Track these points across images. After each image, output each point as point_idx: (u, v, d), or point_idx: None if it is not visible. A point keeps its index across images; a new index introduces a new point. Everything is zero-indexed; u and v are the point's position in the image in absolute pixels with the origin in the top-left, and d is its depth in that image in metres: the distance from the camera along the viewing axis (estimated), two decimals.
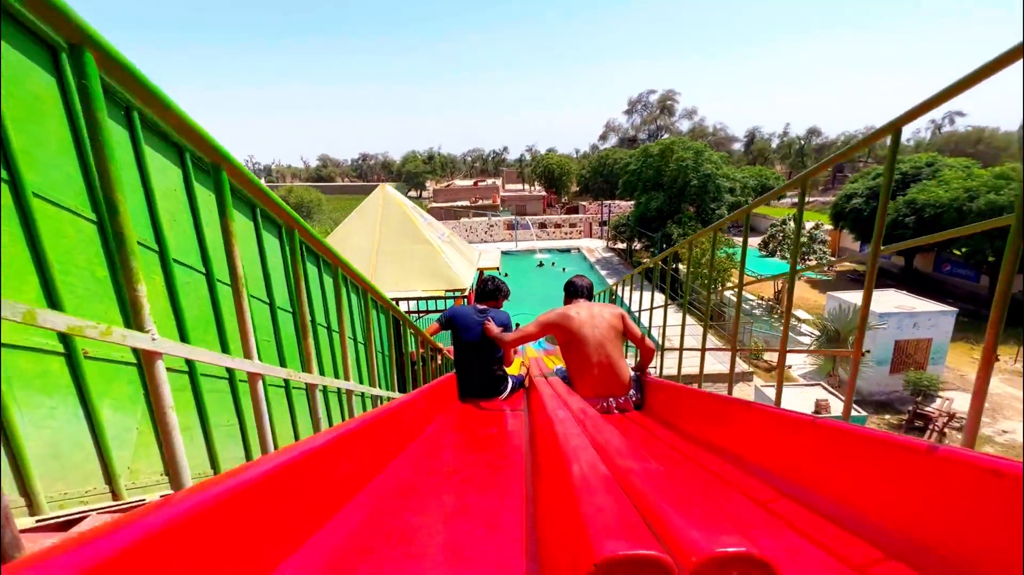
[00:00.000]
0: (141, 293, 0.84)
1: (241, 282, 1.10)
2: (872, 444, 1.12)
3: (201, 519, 0.75)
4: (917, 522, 0.96)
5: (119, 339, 0.78)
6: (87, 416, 1.90)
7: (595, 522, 0.55)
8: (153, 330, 0.86)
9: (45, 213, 1.74)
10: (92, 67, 0.78)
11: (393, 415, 1.77)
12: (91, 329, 0.74)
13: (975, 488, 0.85)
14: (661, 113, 61.08)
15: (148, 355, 0.86)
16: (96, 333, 0.75)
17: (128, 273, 0.82)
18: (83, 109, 0.76)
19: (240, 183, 1.20)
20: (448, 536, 1.15)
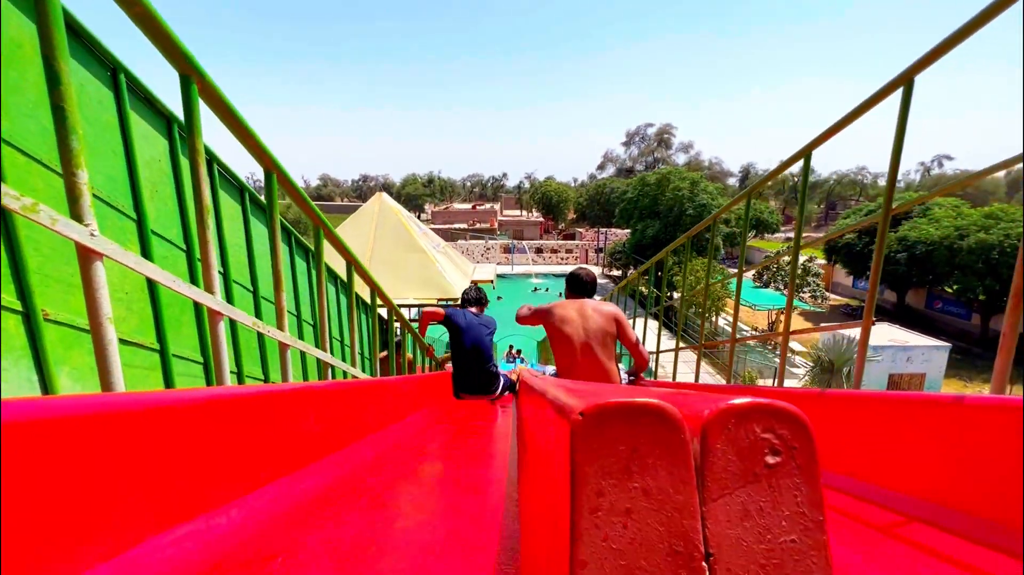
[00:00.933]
0: (81, 179, 0.75)
1: (207, 204, 1.01)
2: (890, 406, 1.02)
3: (138, 421, 0.64)
4: (940, 480, 0.86)
5: (47, 221, 0.69)
6: (41, 383, 1.77)
7: (577, 397, 0.45)
8: (93, 225, 0.77)
9: (14, 162, 1.65)
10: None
11: (372, 389, 1.66)
12: (11, 199, 0.65)
13: (1007, 432, 0.76)
14: (658, 146, 62.32)
15: (85, 253, 0.76)
16: (17, 205, 0.65)
17: (67, 155, 0.73)
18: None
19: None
20: (420, 497, 1.03)
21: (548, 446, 0.51)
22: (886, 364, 14.04)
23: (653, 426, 0.36)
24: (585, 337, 2.78)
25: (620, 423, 0.36)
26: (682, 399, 0.44)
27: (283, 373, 1.50)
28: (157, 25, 0.87)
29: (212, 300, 1.06)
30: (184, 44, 0.93)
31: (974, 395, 0.84)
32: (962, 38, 1.06)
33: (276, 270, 1.32)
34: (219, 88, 1.05)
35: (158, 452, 0.68)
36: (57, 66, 0.72)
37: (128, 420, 0.62)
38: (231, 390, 0.88)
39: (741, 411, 0.37)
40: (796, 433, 0.37)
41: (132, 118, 2.13)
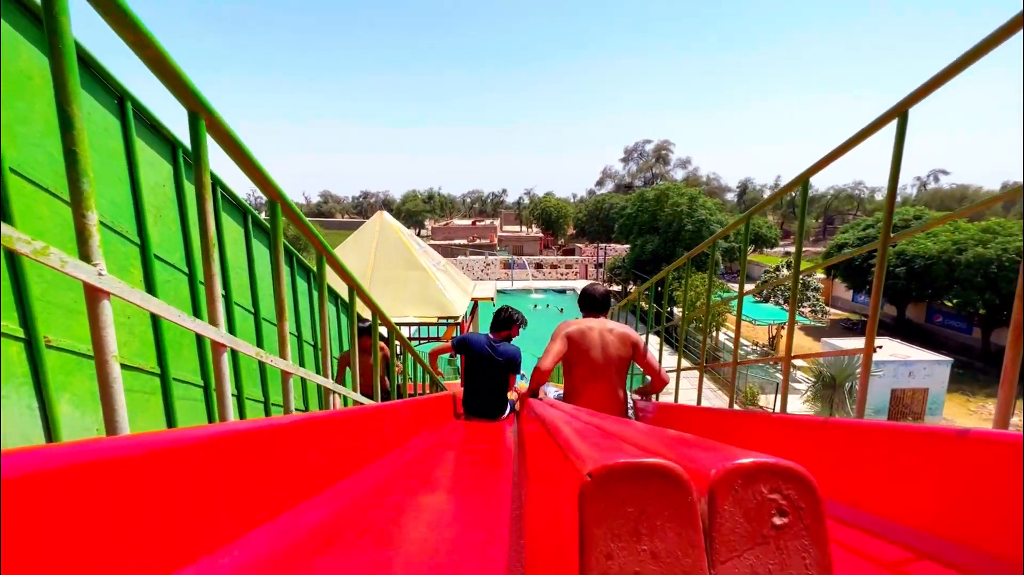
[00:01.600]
0: (91, 221, 0.76)
1: (211, 238, 1.02)
2: (894, 437, 1.02)
3: (139, 465, 0.64)
4: (949, 515, 0.85)
5: (56, 264, 0.70)
6: (42, 410, 1.76)
7: (587, 448, 0.46)
8: (102, 265, 0.77)
9: (21, 191, 1.67)
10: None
11: (373, 415, 1.65)
12: (23, 243, 0.66)
13: (1016, 468, 0.76)
14: (656, 162, 62.94)
15: (93, 292, 0.77)
16: (28, 249, 0.66)
17: (78, 196, 0.75)
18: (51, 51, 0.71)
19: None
20: (421, 529, 1.02)
21: (556, 501, 0.51)
22: (888, 379, 13.97)
23: (661, 487, 0.37)
24: (603, 362, 2.72)
25: (628, 484, 0.37)
26: (688, 454, 0.44)
27: (285, 400, 1.50)
28: (169, 67, 0.89)
29: (216, 333, 1.07)
30: (193, 83, 0.95)
31: (977, 429, 0.84)
32: (956, 72, 1.09)
33: (279, 300, 1.32)
34: (226, 123, 1.07)
35: (159, 495, 0.68)
36: (70, 111, 0.74)
37: (128, 465, 0.62)
38: (232, 427, 0.88)
39: (747, 471, 0.37)
40: (802, 493, 0.37)
41: (138, 145, 2.16)
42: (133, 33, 0.82)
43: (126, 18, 0.80)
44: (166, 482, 0.69)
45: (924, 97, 1.12)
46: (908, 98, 1.15)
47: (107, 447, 0.61)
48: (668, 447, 0.51)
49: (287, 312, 1.40)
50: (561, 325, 2.83)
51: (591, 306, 2.95)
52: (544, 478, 0.69)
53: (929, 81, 1.11)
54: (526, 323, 4.05)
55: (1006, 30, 0.98)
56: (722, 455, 0.41)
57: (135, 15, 0.81)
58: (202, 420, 2.68)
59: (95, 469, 0.57)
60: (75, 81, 0.73)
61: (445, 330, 7.20)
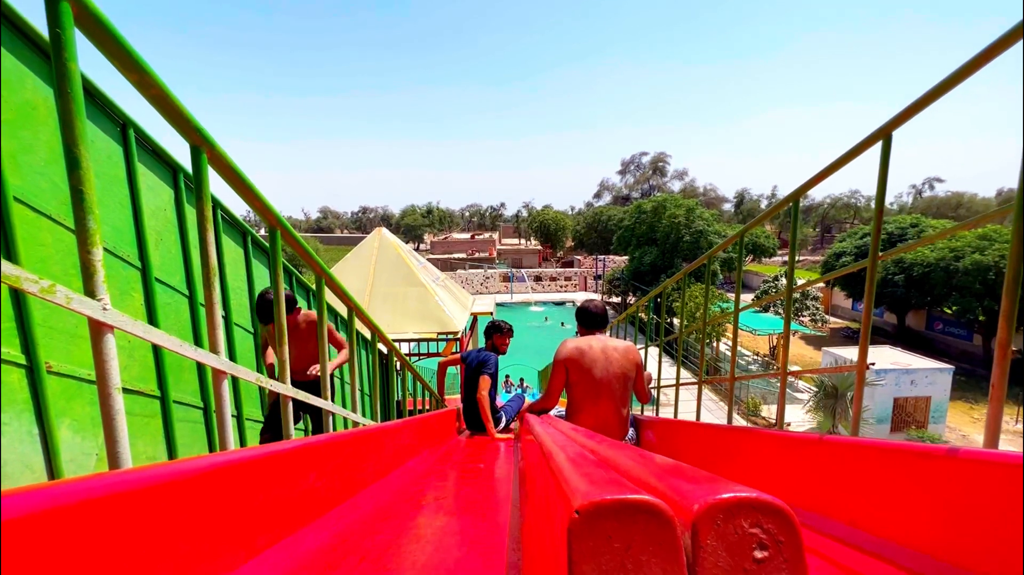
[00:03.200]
0: (96, 257, 0.78)
1: (213, 266, 1.04)
2: (885, 455, 1.03)
3: (139, 500, 0.65)
4: (943, 535, 0.86)
5: (63, 301, 0.72)
6: (42, 436, 1.77)
7: (577, 481, 0.47)
8: (106, 299, 0.79)
9: (24, 218, 1.70)
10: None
11: (372, 437, 1.66)
12: (30, 282, 0.68)
13: (1007, 489, 0.77)
14: (653, 173, 63.40)
15: (97, 326, 0.79)
16: (35, 288, 0.68)
17: (84, 234, 0.77)
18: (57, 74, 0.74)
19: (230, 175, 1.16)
20: (421, 554, 1.03)
21: (549, 533, 0.52)
22: (890, 388, 13.92)
23: (646, 523, 0.38)
24: (606, 379, 2.68)
25: (615, 520, 0.38)
26: (675, 486, 0.45)
27: (284, 424, 1.51)
28: (172, 104, 0.92)
29: (217, 361, 1.08)
30: (195, 118, 0.98)
31: (967, 449, 0.85)
32: (937, 96, 1.12)
33: (280, 326, 1.34)
34: (227, 155, 1.10)
35: (161, 529, 0.69)
36: (77, 151, 0.76)
37: (129, 500, 0.63)
38: (232, 456, 0.89)
39: (729, 506, 0.39)
40: (782, 527, 0.39)
41: (139, 170, 2.19)
42: (137, 74, 0.85)
43: (131, 60, 0.83)
44: (168, 515, 0.70)
45: (908, 120, 1.16)
46: (892, 121, 1.18)
47: (108, 483, 0.63)
48: (657, 477, 0.52)
49: (285, 336, 1.41)
50: (560, 349, 2.77)
51: (590, 323, 2.92)
52: (539, 507, 0.70)
53: (912, 104, 1.15)
54: (512, 332, 4.21)
55: (986, 55, 1.01)
56: (706, 488, 0.42)
57: (140, 57, 0.84)
58: (202, 441, 2.67)
59: (96, 506, 0.59)
60: (83, 123, 0.76)
61: (445, 345, 7.20)
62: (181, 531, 0.73)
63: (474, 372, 3.83)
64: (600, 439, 1.06)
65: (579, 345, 2.70)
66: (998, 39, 0.98)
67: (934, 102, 1.13)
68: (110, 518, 0.61)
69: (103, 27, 0.77)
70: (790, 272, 1.71)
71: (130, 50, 0.81)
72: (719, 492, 0.40)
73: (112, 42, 0.79)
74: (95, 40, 0.79)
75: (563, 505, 0.43)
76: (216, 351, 1.10)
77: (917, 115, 1.18)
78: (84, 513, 0.58)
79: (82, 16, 0.75)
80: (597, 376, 2.63)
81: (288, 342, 2.06)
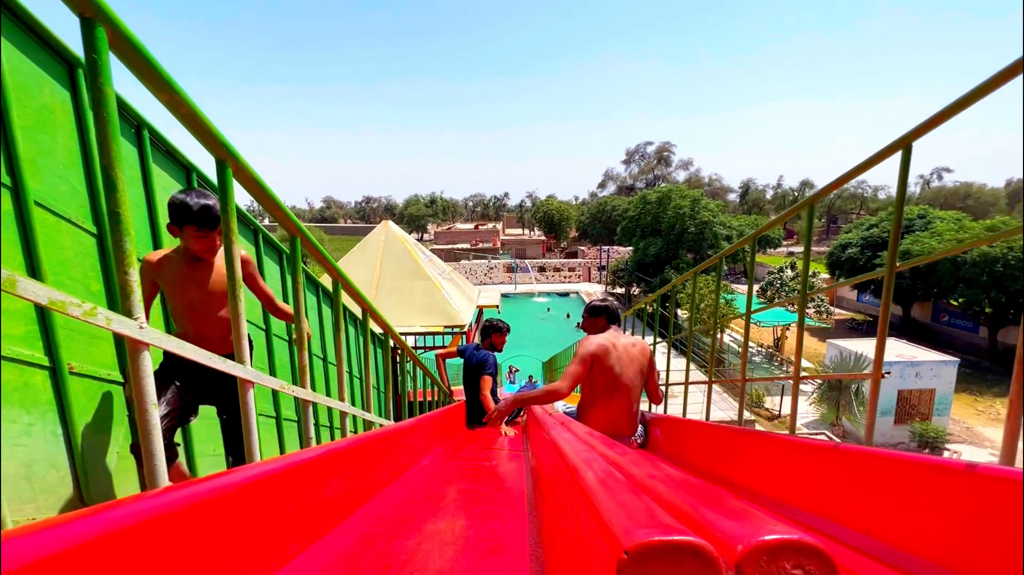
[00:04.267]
0: (132, 278, 0.80)
1: (237, 278, 1.06)
2: (904, 467, 1.04)
3: (176, 519, 0.68)
4: (957, 547, 0.88)
5: (103, 322, 0.74)
6: (66, 436, 1.80)
7: (619, 515, 0.49)
8: (142, 318, 0.81)
9: (44, 222, 1.72)
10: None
11: (389, 438, 1.69)
12: (74, 306, 0.69)
13: (1010, 503, 0.78)
14: (658, 163, 62.96)
15: (134, 344, 0.81)
16: (79, 311, 0.70)
17: (121, 255, 0.79)
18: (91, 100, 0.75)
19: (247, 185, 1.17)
20: (444, 561, 1.05)
21: (587, 568, 0.54)
22: (895, 380, 13.92)
23: (692, 563, 0.40)
24: (624, 378, 2.70)
25: (662, 562, 0.40)
26: (715, 522, 0.47)
27: (305, 426, 1.53)
28: (200, 122, 0.93)
29: (243, 371, 1.10)
30: (222, 134, 0.99)
31: (984, 464, 0.87)
32: (961, 108, 1.11)
33: (300, 331, 1.36)
34: (251, 168, 1.11)
35: (202, 544, 0.72)
36: (114, 174, 0.77)
37: (170, 521, 0.66)
38: (264, 468, 0.91)
39: (772, 548, 0.41)
40: (822, 568, 0.40)
41: (154, 171, 2.20)
42: (168, 93, 0.86)
43: (162, 81, 0.84)
44: (206, 531, 0.73)
45: (929, 131, 1.15)
46: (912, 131, 1.18)
47: (149, 507, 0.65)
48: (692, 507, 0.54)
49: (304, 341, 1.43)
50: (586, 343, 2.75)
51: (614, 319, 2.94)
52: (571, 535, 0.72)
53: (934, 116, 1.14)
54: (508, 330, 4.40)
55: (1010, 71, 1.01)
56: (749, 527, 0.44)
57: (171, 78, 0.85)
58: (217, 446, 2.71)
59: (140, 530, 0.61)
60: (118, 146, 0.77)
61: (452, 338, 7.25)
62: (222, 544, 0.76)
63: (474, 372, 4.02)
64: (621, 449, 1.08)
65: (605, 342, 2.71)
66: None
67: (957, 114, 1.13)
68: (165, 536, 0.63)
69: (136, 50, 0.78)
70: (803, 280, 1.71)
71: (162, 72, 0.82)
72: (762, 533, 0.42)
73: (145, 65, 0.80)
74: (128, 63, 0.80)
75: (608, 541, 0.45)
76: (241, 362, 1.12)
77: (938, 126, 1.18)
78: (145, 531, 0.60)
79: (116, 40, 0.76)
80: (617, 373, 2.65)
81: (189, 283, 1.77)
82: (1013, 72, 1.01)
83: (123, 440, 2.04)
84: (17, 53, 1.66)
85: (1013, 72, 1.01)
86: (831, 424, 14.41)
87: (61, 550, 0.51)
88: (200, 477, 0.87)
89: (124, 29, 0.75)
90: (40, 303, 0.65)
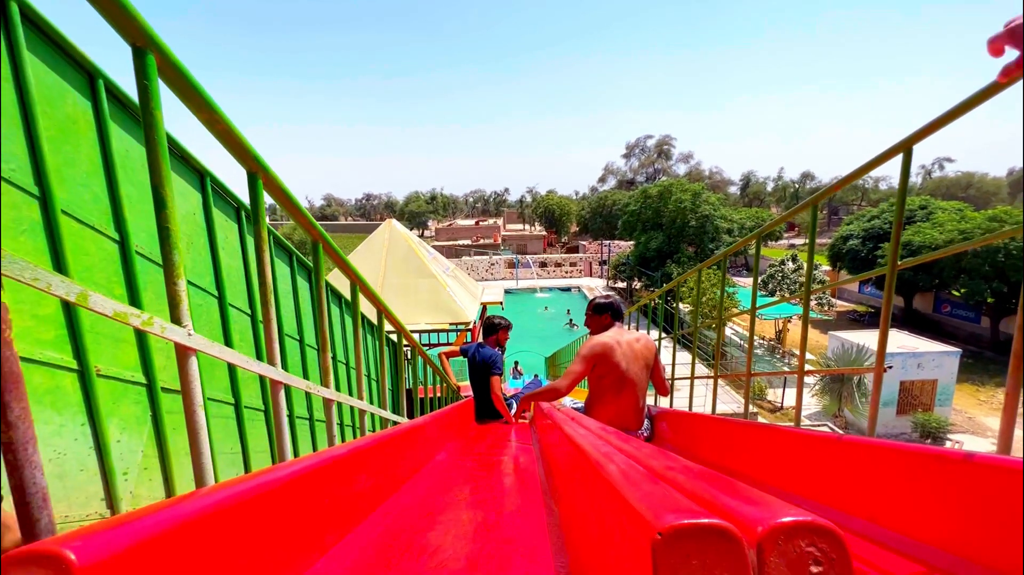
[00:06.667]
0: (181, 288, 0.85)
1: (269, 285, 1.12)
2: (905, 457, 1.09)
3: (223, 517, 0.73)
4: (958, 533, 0.93)
5: (158, 331, 0.79)
6: (94, 436, 1.87)
7: (647, 502, 0.54)
8: (190, 325, 0.87)
9: (71, 230, 1.77)
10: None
11: (407, 435, 1.75)
12: (135, 317, 0.75)
13: (1017, 493, 0.84)
14: (658, 157, 62.81)
15: (182, 350, 0.86)
16: (138, 322, 0.76)
17: (169, 267, 0.84)
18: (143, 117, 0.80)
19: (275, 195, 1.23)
20: (471, 550, 1.11)
21: (618, 550, 0.59)
22: (897, 371, 13.97)
23: (719, 544, 0.45)
24: (631, 374, 2.74)
25: (693, 542, 0.45)
26: (736, 507, 0.53)
27: (328, 425, 1.59)
28: (235, 138, 0.99)
29: (275, 372, 1.16)
30: (254, 148, 1.05)
31: (982, 454, 0.92)
32: (962, 112, 1.16)
33: (323, 333, 1.42)
34: (280, 179, 1.16)
35: (254, 536, 0.77)
36: (163, 192, 0.83)
37: (220, 518, 0.71)
38: (302, 465, 0.97)
39: (789, 529, 0.46)
40: (833, 546, 0.46)
41: (171, 177, 2.25)
42: (208, 113, 0.92)
43: (204, 102, 0.89)
44: (255, 525, 0.79)
45: (929, 135, 1.20)
46: (912, 136, 1.22)
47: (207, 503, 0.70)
48: (712, 495, 0.59)
49: (328, 343, 1.49)
50: (591, 343, 2.80)
51: (619, 315, 3.00)
52: (596, 521, 0.78)
53: (934, 120, 1.19)
54: (511, 327, 4.48)
55: None
56: (768, 511, 0.49)
57: (212, 100, 0.90)
58: (234, 437, 2.78)
59: (198, 525, 0.66)
60: (167, 167, 0.83)
61: (457, 336, 7.32)
62: (267, 537, 0.82)
63: (481, 370, 4.09)
64: (636, 443, 1.14)
65: (610, 340, 2.77)
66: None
67: (959, 118, 1.17)
68: (219, 530, 0.69)
69: (182, 76, 0.83)
70: (807, 278, 1.76)
71: (204, 95, 0.88)
72: (780, 515, 0.47)
73: (190, 88, 0.85)
74: (174, 87, 0.85)
75: (640, 526, 0.50)
76: (273, 363, 1.18)
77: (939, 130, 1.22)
78: (199, 528, 0.66)
79: (164, 67, 0.81)
80: (623, 370, 2.70)
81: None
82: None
83: (147, 438, 2.11)
84: (40, 65, 1.71)
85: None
86: (833, 415, 14.48)
87: (128, 546, 0.56)
88: (249, 473, 0.92)
89: (172, 57, 0.80)
90: (106, 315, 0.71)
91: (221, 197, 2.69)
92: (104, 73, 1.90)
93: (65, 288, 0.64)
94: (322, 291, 1.41)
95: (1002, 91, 1.09)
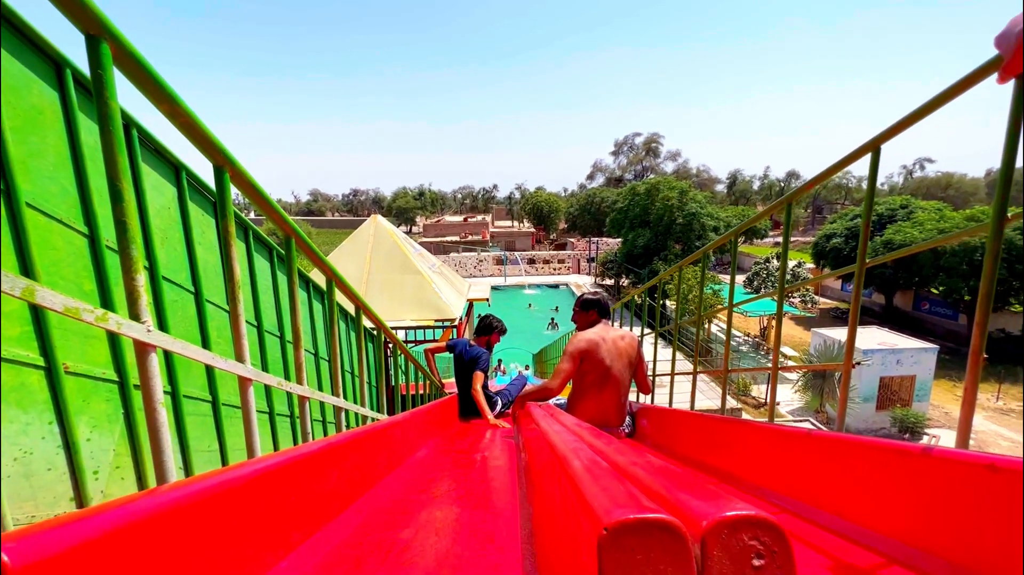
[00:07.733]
0: (139, 283, 0.83)
1: (237, 280, 1.10)
2: (867, 451, 1.11)
3: (183, 514, 0.72)
4: (917, 526, 0.95)
5: (114, 326, 0.77)
6: (63, 434, 1.83)
7: (600, 497, 0.54)
8: (149, 321, 0.85)
9: (36, 223, 1.73)
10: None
11: (384, 432, 1.74)
12: (87, 312, 0.73)
13: (973, 486, 0.86)
14: (646, 155, 63.12)
15: (141, 347, 0.84)
16: (92, 317, 0.74)
17: (128, 262, 0.82)
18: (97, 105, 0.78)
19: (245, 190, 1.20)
20: (440, 548, 1.11)
21: (572, 546, 0.59)
22: (876, 368, 14.25)
23: (663, 538, 0.46)
24: (614, 371, 2.75)
25: (637, 536, 0.46)
26: (684, 501, 0.53)
27: (302, 421, 1.58)
28: (199, 130, 0.97)
29: (242, 368, 1.14)
30: (220, 141, 1.03)
31: (940, 448, 0.94)
32: (929, 111, 1.18)
33: (295, 329, 1.40)
34: (247, 172, 1.14)
35: (212, 535, 0.76)
36: (120, 185, 0.81)
37: (175, 516, 0.70)
38: (270, 462, 0.96)
39: (732, 523, 0.46)
40: (775, 540, 0.46)
41: (143, 170, 2.21)
42: (168, 104, 0.89)
43: (164, 93, 0.87)
44: (215, 523, 0.77)
45: (897, 134, 1.22)
46: (881, 135, 1.24)
47: (162, 502, 0.69)
48: (668, 490, 0.60)
49: (300, 339, 1.47)
50: (575, 340, 2.80)
51: (605, 312, 3.01)
52: (558, 516, 0.78)
53: (901, 120, 1.21)
54: (505, 331, 4.46)
55: (978, 74, 1.07)
56: (713, 506, 0.50)
57: (173, 90, 0.88)
58: (211, 435, 2.74)
59: (152, 524, 0.65)
60: (124, 159, 0.80)
61: (443, 332, 7.30)
62: (228, 535, 0.81)
63: (467, 367, 4.09)
64: (607, 439, 1.14)
65: (595, 337, 2.78)
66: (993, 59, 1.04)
67: (925, 117, 1.19)
68: (176, 530, 0.68)
69: (140, 65, 0.81)
70: (782, 275, 1.78)
71: (164, 85, 0.86)
72: (724, 510, 0.48)
73: (148, 78, 0.83)
74: (131, 76, 0.83)
75: (591, 520, 0.50)
76: (242, 360, 1.16)
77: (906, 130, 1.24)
78: (157, 525, 0.65)
79: (120, 55, 0.79)
80: (607, 366, 2.72)
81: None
82: (982, 75, 1.07)
83: (119, 436, 2.07)
84: (4, 54, 1.66)
85: (982, 75, 1.07)
86: (815, 411, 14.73)
87: (73, 545, 0.54)
88: (209, 471, 0.91)
89: (128, 45, 0.78)
90: (56, 310, 0.69)
91: (198, 191, 2.64)
92: (72, 63, 1.85)
93: (9, 283, 0.62)
94: (294, 286, 1.39)
95: (969, 89, 1.11)
